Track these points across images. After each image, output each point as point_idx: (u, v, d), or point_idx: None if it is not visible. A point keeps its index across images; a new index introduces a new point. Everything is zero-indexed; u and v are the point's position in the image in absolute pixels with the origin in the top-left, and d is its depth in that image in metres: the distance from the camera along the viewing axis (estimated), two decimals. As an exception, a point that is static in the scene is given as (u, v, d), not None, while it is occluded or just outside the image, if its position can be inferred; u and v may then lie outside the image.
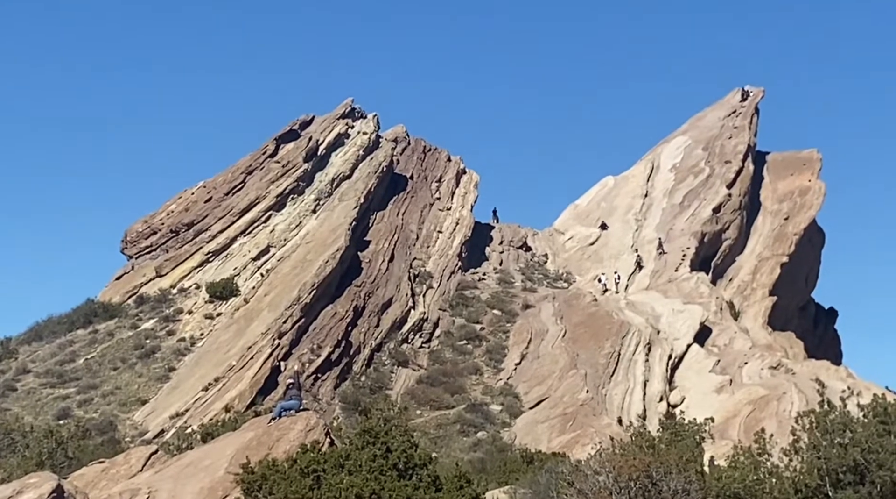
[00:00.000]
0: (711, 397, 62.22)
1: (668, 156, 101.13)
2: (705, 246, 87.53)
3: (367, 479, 23.21)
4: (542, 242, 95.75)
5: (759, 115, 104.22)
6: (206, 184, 79.18)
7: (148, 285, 72.00)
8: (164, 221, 76.69)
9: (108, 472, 30.73)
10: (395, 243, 76.41)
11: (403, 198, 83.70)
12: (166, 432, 53.10)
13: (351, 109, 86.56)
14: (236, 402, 54.76)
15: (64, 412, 56.05)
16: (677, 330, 70.38)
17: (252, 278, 69.64)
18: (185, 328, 65.93)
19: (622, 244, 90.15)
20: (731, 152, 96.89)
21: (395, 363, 65.76)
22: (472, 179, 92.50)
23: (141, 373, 61.18)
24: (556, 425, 57.27)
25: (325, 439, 28.62)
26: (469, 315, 74.16)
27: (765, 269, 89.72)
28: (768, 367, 65.88)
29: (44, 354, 64.67)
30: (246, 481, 24.22)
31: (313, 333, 63.20)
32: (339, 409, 58.31)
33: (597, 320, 70.42)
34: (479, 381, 65.23)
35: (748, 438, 46.71)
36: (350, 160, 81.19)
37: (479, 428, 58.02)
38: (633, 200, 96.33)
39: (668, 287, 79.06)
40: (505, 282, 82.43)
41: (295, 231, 73.68)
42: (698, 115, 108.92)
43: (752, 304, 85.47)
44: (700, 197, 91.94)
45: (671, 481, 26.71)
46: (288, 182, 76.40)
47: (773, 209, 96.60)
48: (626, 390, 62.89)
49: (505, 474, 41.28)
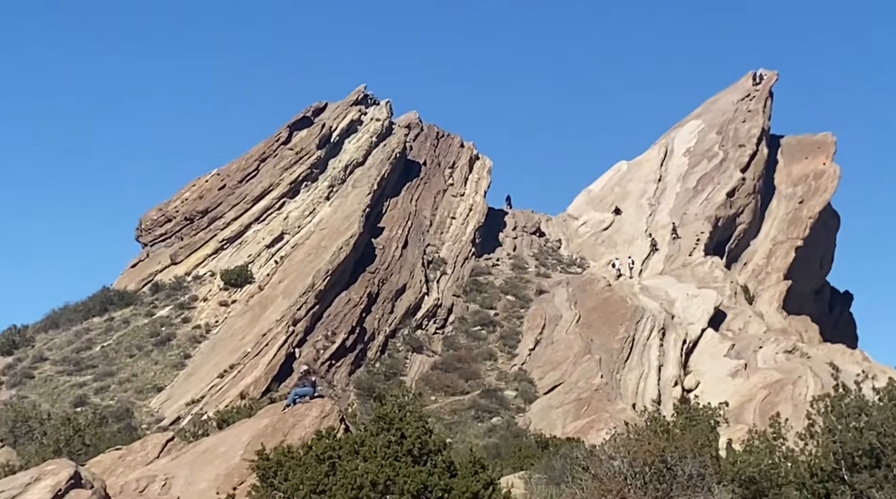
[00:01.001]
0: (726, 381, 62.21)
1: (682, 140, 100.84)
2: (719, 230, 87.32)
3: (382, 465, 23.23)
4: (556, 227, 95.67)
5: (773, 99, 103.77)
6: (220, 171, 79.30)
7: (163, 273, 72.22)
8: (179, 209, 76.86)
9: (125, 459, 30.85)
10: (409, 230, 76.44)
11: (417, 184, 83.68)
12: (182, 418, 53.35)
13: (364, 96, 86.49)
14: (251, 388, 54.95)
15: (81, 400, 56.36)
16: (692, 315, 70.30)
17: (266, 265, 69.78)
18: (201, 315, 66.14)
19: (636, 229, 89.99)
20: (745, 136, 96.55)
21: (409, 349, 65.87)
22: (486, 165, 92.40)
23: (157, 360, 61.45)
24: (570, 411, 57.33)
25: (340, 425, 28.67)
26: (483, 301, 74.18)
27: (779, 253, 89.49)
28: (783, 351, 65.79)
29: (60, 341, 64.97)
30: (261, 468, 24.26)
31: (328, 320, 63.31)
32: (353, 395, 58.46)
33: (611, 305, 70.39)
34: (493, 366, 65.31)
35: (763, 422, 46.64)
36: (363, 147, 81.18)
37: (493, 414, 58.11)
38: (646, 185, 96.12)
39: (683, 272, 78.93)
40: (519, 267, 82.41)
41: (309, 218, 73.76)
42: (712, 99, 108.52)
43: (767, 288, 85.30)
44: (714, 181, 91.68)
45: (686, 466, 26.67)
46: (301, 169, 76.45)
47: (788, 193, 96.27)
48: (640, 374, 62.90)
49: (520, 459, 41.30)
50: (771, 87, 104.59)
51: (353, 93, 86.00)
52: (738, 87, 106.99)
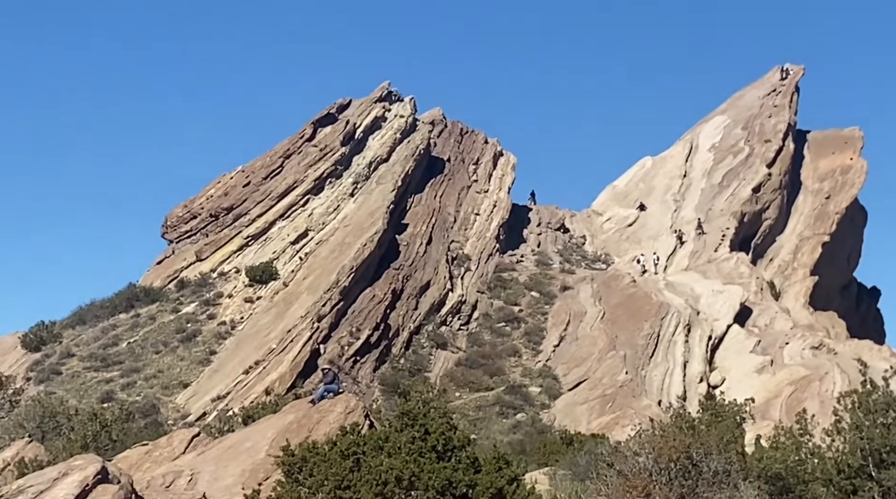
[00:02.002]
0: (752, 377, 61.94)
1: (707, 135, 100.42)
2: (745, 226, 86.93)
3: (407, 461, 23.27)
4: (580, 223, 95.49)
5: (799, 94, 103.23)
6: (245, 168, 79.51)
7: (188, 270, 72.48)
8: (204, 206, 77.11)
9: (152, 454, 31.01)
10: (433, 226, 76.45)
11: (441, 181, 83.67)
12: (208, 414, 53.55)
13: (388, 93, 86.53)
14: (276, 385, 55.12)
15: (107, 395, 56.67)
16: (717, 311, 70.01)
17: (291, 262, 69.93)
18: (226, 312, 66.37)
19: (661, 225, 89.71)
20: (770, 131, 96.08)
21: (433, 346, 65.92)
22: (510, 161, 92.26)
23: (182, 356, 61.71)
24: (595, 407, 57.24)
25: (364, 421, 28.73)
26: (507, 297, 74.12)
27: (806, 248, 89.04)
28: (810, 347, 65.44)
29: (87, 338, 65.36)
30: (286, 463, 24.35)
31: (352, 317, 63.42)
32: (378, 391, 58.56)
33: (635, 301, 70.19)
34: (517, 363, 65.25)
35: (790, 418, 46.40)
36: (387, 143, 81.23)
37: (518, 410, 58.09)
38: (671, 181, 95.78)
39: (708, 267, 78.61)
40: (543, 264, 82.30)
41: (333, 215, 73.88)
42: (737, 94, 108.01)
43: (793, 283, 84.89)
44: (740, 177, 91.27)
45: (712, 462, 26.61)
46: (326, 166, 76.56)
47: (814, 188, 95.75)
48: (665, 371, 62.72)
49: (544, 455, 41.30)
50: (797, 81, 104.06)
51: (377, 90, 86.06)
52: (763, 82, 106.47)
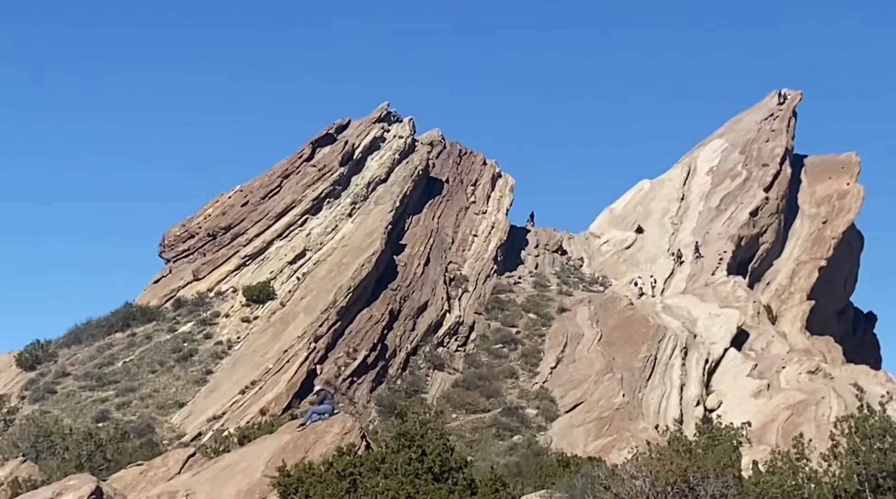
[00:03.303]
0: (749, 401, 61.88)
1: (705, 159, 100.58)
2: (742, 250, 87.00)
3: (403, 482, 23.29)
4: (578, 245, 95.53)
5: (796, 118, 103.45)
6: (243, 188, 79.56)
7: (185, 289, 72.42)
8: (202, 225, 77.12)
9: (147, 474, 30.97)
10: (431, 247, 76.47)
11: (439, 201, 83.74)
12: (203, 434, 53.43)
13: (387, 113, 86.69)
14: (273, 405, 55.02)
15: (102, 415, 56.53)
16: (714, 334, 70.00)
17: (288, 282, 69.91)
18: (223, 331, 66.27)
19: (658, 248, 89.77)
20: (768, 155, 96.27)
21: (430, 367, 65.83)
22: (508, 183, 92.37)
23: (178, 376, 61.58)
24: (592, 430, 57.14)
25: (361, 442, 28.69)
26: (505, 319, 74.07)
27: (803, 272, 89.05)
28: (806, 371, 65.41)
29: (83, 357, 65.22)
30: (282, 484, 24.36)
31: (349, 337, 63.37)
32: (374, 412, 58.45)
33: (633, 324, 70.18)
34: (514, 384, 65.17)
35: (786, 443, 46.35)
36: (386, 164, 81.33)
37: (514, 432, 57.97)
38: (669, 204, 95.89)
39: (705, 291, 78.64)
40: (541, 285, 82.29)
41: (331, 235, 73.91)
42: (735, 118, 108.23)
43: (790, 308, 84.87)
44: (737, 200, 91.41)
45: (709, 486, 26.56)
46: (324, 186, 76.63)
47: (811, 213, 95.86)
48: (662, 394, 62.66)
49: (541, 478, 41.15)
50: (795, 106, 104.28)
51: (376, 110, 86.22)
52: (761, 107, 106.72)
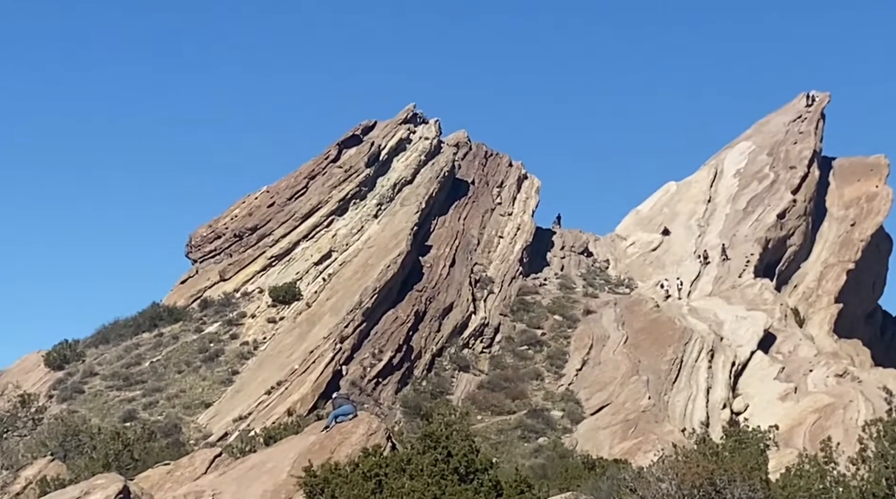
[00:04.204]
0: (776, 404, 61.58)
1: (732, 161, 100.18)
2: (769, 252, 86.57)
3: (429, 483, 23.28)
4: (604, 247, 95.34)
5: (824, 121, 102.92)
6: (270, 189, 79.80)
7: (212, 289, 72.69)
8: (228, 226, 77.38)
9: (173, 474, 31.07)
10: (457, 248, 76.44)
11: (465, 203, 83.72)
12: (230, 434, 53.56)
13: (413, 115, 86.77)
14: (298, 405, 55.12)
15: (130, 415, 56.78)
16: (741, 337, 69.69)
17: (314, 283, 70.05)
18: (249, 332, 66.46)
19: (685, 250, 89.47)
20: (796, 158, 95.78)
21: (455, 368, 65.80)
22: (534, 185, 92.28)
23: (205, 376, 61.80)
24: (617, 432, 56.99)
25: (386, 443, 28.69)
26: (530, 320, 73.97)
27: (830, 275, 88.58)
28: (834, 374, 65.03)
29: (110, 357, 65.55)
30: (308, 485, 24.40)
31: (375, 338, 63.41)
32: (400, 413, 58.47)
33: (659, 326, 69.96)
34: (540, 386, 65.07)
35: (813, 446, 46.17)
36: (412, 165, 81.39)
37: (540, 434, 57.87)
38: (695, 206, 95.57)
39: (732, 293, 78.28)
40: (566, 287, 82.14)
41: (357, 236, 74.01)
42: (763, 120, 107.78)
43: (818, 311, 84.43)
44: (764, 203, 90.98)
45: (735, 489, 26.44)
46: (350, 187, 76.76)
47: (840, 215, 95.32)
48: (688, 396, 62.42)
49: (566, 480, 41.08)
50: (823, 108, 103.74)
51: (402, 111, 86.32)
52: (789, 109, 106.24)
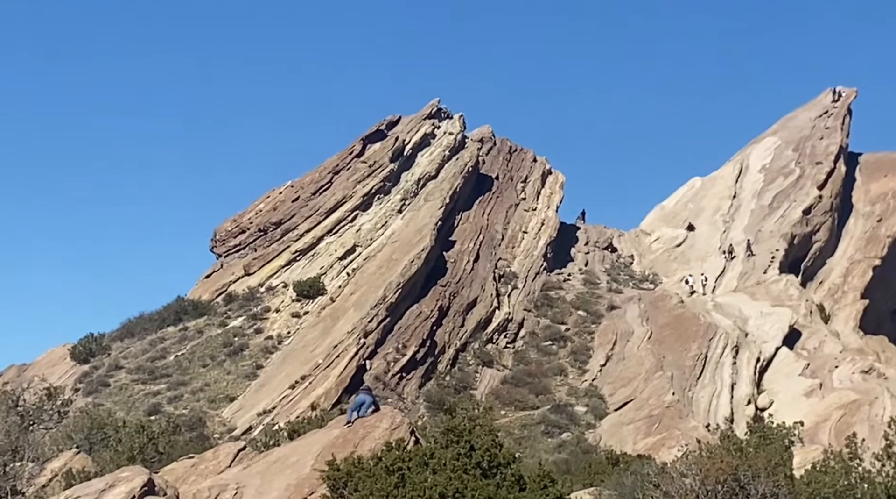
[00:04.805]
0: (801, 400, 61.32)
1: (758, 157, 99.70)
2: (795, 248, 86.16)
3: (451, 478, 23.30)
4: (628, 243, 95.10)
5: (851, 116, 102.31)
6: (294, 183, 79.96)
7: (236, 284, 72.95)
8: (253, 220, 77.61)
9: (198, 467, 31.20)
10: (481, 244, 76.41)
11: (489, 198, 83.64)
12: (254, 428, 53.78)
13: (437, 110, 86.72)
14: (322, 400, 55.27)
15: (155, 408, 57.09)
16: (766, 333, 69.39)
17: (338, 277, 70.19)
18: (273, 326, 66.68)
19: (709, 246, 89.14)
20: (822, 153, 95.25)
21: (479, 363, 65.79)
22: (558, 180, 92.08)
23: (229, 370, 62.07)
24: (641, 428, 56.90)
25: (409, 437, 28.74)
26: (554, 316, 73.89)
27: (856, 271, 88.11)
28: (860, 371, 64.72)
29: (135, 350, 65.92)
30: (332, 478, 24.46)
31: (398, 333, 63.49)
32: (423, 408, 58.53)
33: (683, 322, 69.75)
34: (563, 382, 65.02)
35: (839, 442, 45.97)
36: (436, 160, 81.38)
37: (563, 429, 57.84)
38: (720, 202, 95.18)
39: (757, 289, 77.95)
40: (590, 283, 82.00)
41: (381, 231, 74.10)
42: (789, 115, 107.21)
43: (843, 307, 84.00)
44: (790, 198, 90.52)
45: (760, 485, 26.36)
46: (374, 182, 76.84)
47: (866, 211, 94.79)
48: (712, 392, 62.25)
49: (590, 475, 41.07)
50: (850, 103, 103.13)
51: (426, 106, 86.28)
52: (815, 104, 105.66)
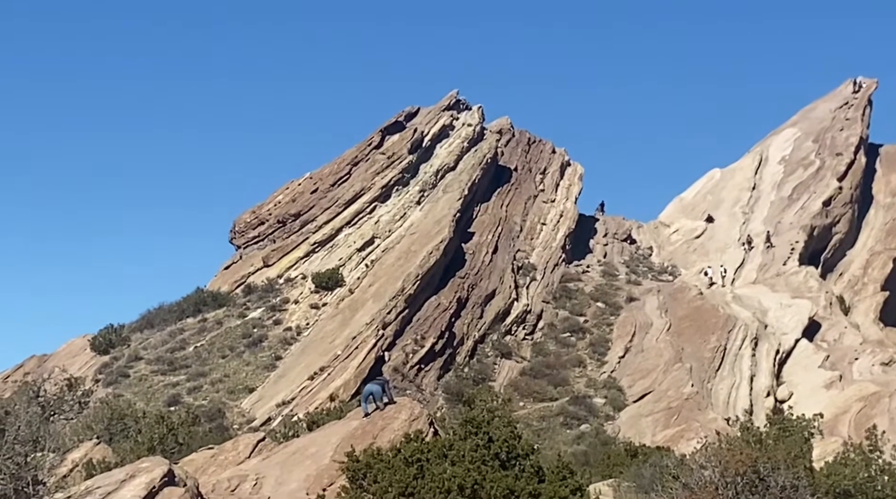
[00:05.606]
0: (820, 392, 61.16)
1: (777, 148, 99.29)
2: (815, 240, 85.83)
3: (470, 469, 23.33)
4: (647, 234, 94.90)
5: (872, 107, 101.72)
6: (313, 175, 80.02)
7: (255, 275, 73.11)
8: (272, 212, 77.75)
9: (217, 458, 31.29)
10: (499, 235, 76.38)
11: (507, 190, 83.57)
12: (273, 419, 53.93)
13: (456, 101, 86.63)
14: (341, 391, 55.37)
15: (174, 399, 57.33)
16: (785, 325, 69.21)
17: (357, 269, 70.26)
18: (292, 318, 66.81)
19: (729, 237, 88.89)
20: (842, 144, 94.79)
21: (498, 355, 65.81)
22: (577, 171, 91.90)
23: (248, 361, 62.23)
24: (660, 419, 56.84)
25: (428, 428, 28.76)
26: (573, 307, 73.82)
27: (876, 263, 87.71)
28: (880, 363, 64.50)
29: (155, 341, 66.16)
30: (351, 469, 24.50)
31: (417, 324, 63.56)
32: (442, 399, 58.62)
33: (702, 314, 69.62)
34: (582, 373, 64.99)
35: (858, 435, 45.85)
36: (455, 152, 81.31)
37: (582, 421, 57.83)
38: (740, 193, 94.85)
39: (776, 281, 77.72)
40: (609, 274, 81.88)
41: (399, 222, 74.11)
42: (809, 106, 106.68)
43: (863, 299, 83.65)
44: (810, 190, 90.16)
45: (779, 477, 26.29)
46: (393, 173, 76.83)
47: (886, 203, 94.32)
48: (732, 384, 62.12)
49: (608, 467, 41.04)
50: (870, 95, 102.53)
51: (445, 98, 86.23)
52: (836, 95, 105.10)
